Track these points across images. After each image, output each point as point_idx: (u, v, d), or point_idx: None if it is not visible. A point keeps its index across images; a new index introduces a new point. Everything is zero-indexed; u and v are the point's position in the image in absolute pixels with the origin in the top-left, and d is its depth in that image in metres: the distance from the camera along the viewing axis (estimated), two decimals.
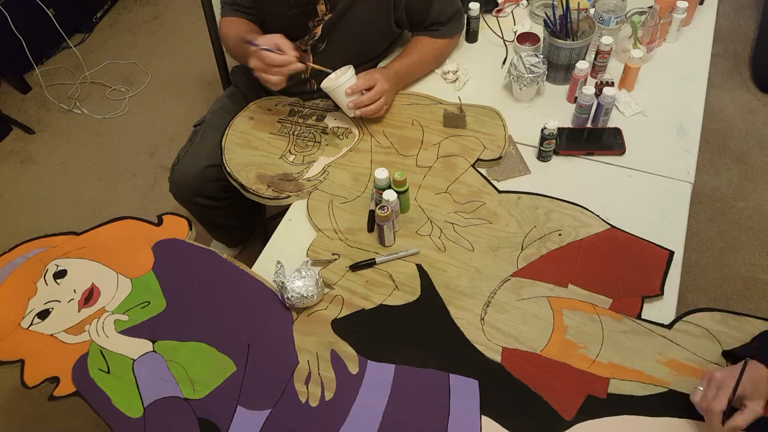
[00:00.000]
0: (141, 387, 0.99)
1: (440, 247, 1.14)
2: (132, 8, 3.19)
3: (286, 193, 1.25)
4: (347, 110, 1.32)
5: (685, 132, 1.30)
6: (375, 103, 1.30)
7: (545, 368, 0.97)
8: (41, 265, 1.15)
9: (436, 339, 1.02)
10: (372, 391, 0.97)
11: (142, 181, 2.41)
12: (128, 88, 2.74)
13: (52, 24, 2.71)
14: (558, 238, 1.13)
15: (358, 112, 1.30)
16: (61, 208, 2.34)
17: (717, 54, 2.58)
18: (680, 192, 1.20)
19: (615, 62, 1.46)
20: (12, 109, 2.71)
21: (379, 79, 1.30)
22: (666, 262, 1.08)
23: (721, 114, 2.37)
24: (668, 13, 1.43)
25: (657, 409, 0.92)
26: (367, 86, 1.29)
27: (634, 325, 1.01)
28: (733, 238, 2.01)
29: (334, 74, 1.29)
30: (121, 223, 1.22)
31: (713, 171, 2.20)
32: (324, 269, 1.12)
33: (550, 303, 1.05)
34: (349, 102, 1.28)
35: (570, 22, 1.37)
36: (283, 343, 1.03)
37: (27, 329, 1.07)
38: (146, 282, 1.12)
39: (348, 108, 1.30)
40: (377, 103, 1.31)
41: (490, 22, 1.57)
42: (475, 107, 1.36)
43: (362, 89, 1.29)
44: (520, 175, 1.26)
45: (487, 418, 0.93)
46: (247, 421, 0.95)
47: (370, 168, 1.28)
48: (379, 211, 1.07)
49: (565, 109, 1.37)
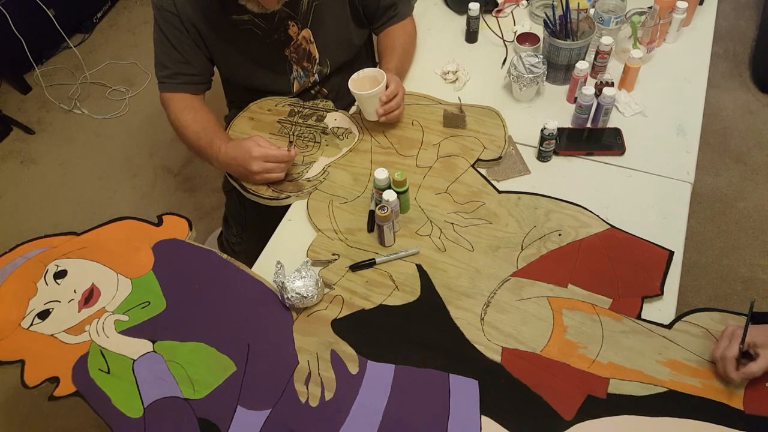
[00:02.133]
0: (141, 387, 0.99)
1: (440, 247, 1.14)
2: (132, 8, 3.19)
3: (286, 194, 1.25)
4: (369, 114, 1.29)
5: (685, 132, 1.30)
6: (400, 107, 1.29)
7: (545, 368, 0.97)
8: (41, 266, 1.15)
9: (436, 339, 1.02)
10: (372, 391, 0.97)
11: (142, 181, 2.41)
12: (128, 88, 2.74)
13: (52, 24, 2.71)
14: (558, 238, 1.13)
15: (383, 119, 1.28)
16: (61, 208, 2.35)
17: (717, 54, 2.58)
18: (680, 192, 1.20)
19: (615, 62, 1.46)
20: (12, 109, 2.71)
21: (400, 83, 1.30)
22: (666, 262, 1.08)
23: (721, 114, 2.37)
24: (668, 13, 1.43)
25: (657, 409, 0.92)
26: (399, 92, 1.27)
27: (634, 325, 1.01)
28: (733, 238, 2.01)
29: (356, 75, 1.28)
30: (121, 223, 1.22)
31: (713, 171, 2.20)
32: (324, 269, 1.12)
33: (550, 303, 1.05)
34: (380, 109, 1.25)
35: (570, 22, 1.37)
36: (283, 343, 1.03)
37: (27, 329, 1.07)
38: (146, 282, 1.12)
39: (378, 114, 1.26)
40: (402, 107, 1.30)
41: (490, 23, 1.57)
42: (475, 107, 1.36)
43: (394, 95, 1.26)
44: (520, 175, 1.26)
45: (487, 418, 0.93)
46: (247, 421, 0.95)
47: (370, 168, 1.28)
48: (379, 211, 1.07)
49: (565, 109, 1.37)
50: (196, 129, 1.28)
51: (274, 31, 1.31)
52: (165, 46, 1.28)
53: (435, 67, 1.50)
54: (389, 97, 1.25)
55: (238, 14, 1.26)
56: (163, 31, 1.26)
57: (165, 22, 1.25)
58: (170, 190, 2.37)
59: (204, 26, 1.26)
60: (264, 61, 1.37)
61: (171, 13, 1.23)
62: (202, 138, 1.27)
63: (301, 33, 1.34)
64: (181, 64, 1.30)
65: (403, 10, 1.48)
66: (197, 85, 1.35)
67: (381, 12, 1.44)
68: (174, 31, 1.26)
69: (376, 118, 1.28)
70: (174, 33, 1.26)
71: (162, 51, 1.29)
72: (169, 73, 1.31)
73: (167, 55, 1.29)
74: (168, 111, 1.34)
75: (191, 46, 1.29)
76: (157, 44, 1.29)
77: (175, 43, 1.27)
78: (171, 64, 1.30)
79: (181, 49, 1.28)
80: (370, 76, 1.29)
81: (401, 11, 1.47)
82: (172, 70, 1.30)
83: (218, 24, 1.26)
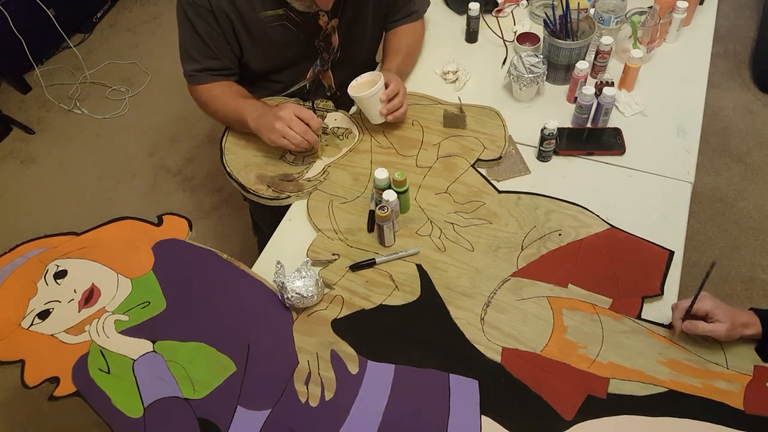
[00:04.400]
0: (141, 387, 0.99)
1: (440, 247, 1.14)
2: (132, 8, 3.19)
3: (286, 194, 1.25)
4: (374, 117, 1.29)
5: (685, 132, 1.30)
6: (404, 105, 1.29)
7: (545, 368, 0.97)
8: (41, 266, 1.15)
9: (436, 339, 1.02)
10: (372, 391, 0.97)
11: (142, 181, 2.41)
12: (128, 88, 2.74)
13: (52, 24, 2.71)
14: (558, 238, 1.13)
15: (390, 117, 1.27)
16: (61, 208, 2.35)
17: (717, 54, 2.58)
18: (680, 192, 1.20)
19: (615, 62, 1.46)
20: (12, 109, 2.71)
21: (400, 81, 1.30)
22: (666, 262, 1.08)
23: (721, 114, 2.37)
24: (668, 13, 1.43)
25: (657, 409, 0.92)
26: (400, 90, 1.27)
27: (634, 325, 1.01)
28: (733, 238, 2.01)
29: (355, 81, 1.28)
30: (121, 223, 1.22)
31: (713, 171, 2.20)
32: (324, 269, 1.12)
33: (550, 303, 1.05)
34: (383, 108, 1.25)
35: (570, 22, 1.37)
36: (283, 343, 1.03)
37: (27, 329, 1.07)
38: (146, 282, 1.12)
39: (381, 114, 1.26)
40: (406, 105, 1.30)
41: (490, 22, 1.57)
42: (475, 107, 1.36)
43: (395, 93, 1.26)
44: (520, 175, 1.26)
45: (487, 418, 0.93)
46: (247, 421, 0.95)
47: (370, 168, 1.28)
48: (379, 211, 1.07)
49: (565, 109, 1.37)
50: (230, 96, 1.30)
51: (308, 24, 1.31)
52: (196, 41, 1.26)
53: (435, 67, 1.50)
54: (390, 96, 1.25)
55: (273, 9, 1.26)
56: (194, 25, 1.24)
57: (197, 16, 1.23)
58: (170, 190, 2.37)
59: (238, 21, 1.25)
60: (295, 56, 1.37)
61: (205, 8, 1.21)
62: (230, 104, 1.28)
63: (330, 23, 1.34)
64: (211, 60, 1.30)
65: (419, 10, 1.48)
66: (226, 77, 1.35)
67: (398, 8, 1.44)
68: (206, 26, 1.24)
69: (381, 120, 1.28)
70: (206, 28, 1.24)
71: (192, 45, 1.28)
72: (199, 67, 1.30)
73: (198, 51, 1.28)
74: (196, 97, 1.35)
75: (222, 42, 1.28)
76: (186, 38, 1.28)
77: (206, 39, 1.26)
78: (202, 59, 1.29)
79: (212, 44, 1.27)
80: (368, 81, 1.29)
81: (417, 10, 1.47)
82: (203, 65, 1.30)
83: (252, 19, 1.26)
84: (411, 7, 1.46)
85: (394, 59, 1.41)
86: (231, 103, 1.29)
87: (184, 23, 1.25)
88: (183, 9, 1.23)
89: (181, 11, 1.24)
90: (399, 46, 1.44)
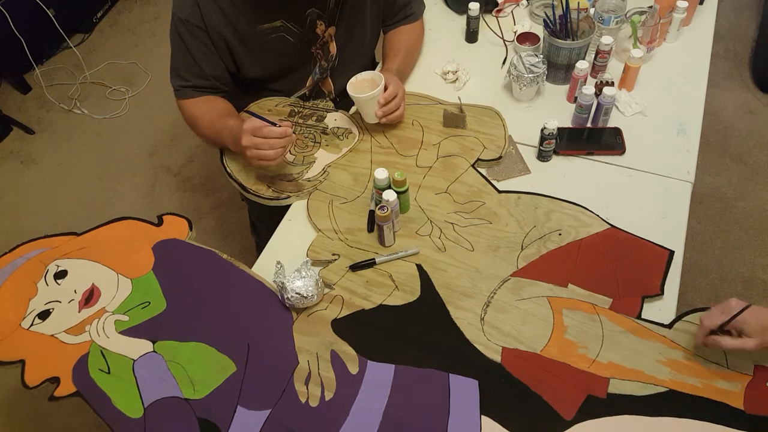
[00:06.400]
0: (141, 387, 0.99)
1: (440, 247, 1.14)
2: (132, 8, 3.19)
3: (286, 194, 1.25)
4: (369, 117, 1.29)
5: (685, 132, 1.30)
6: (401, 107, 1.29)
7: (545, 368, 0.97)
8: (42, 266, 1.15)
9: (436, 339, 1.02)
10: (372, 391, 0.97)
11: (142, 181, 2.41)
12: (128, 88, 2.74)
13: (52, 24, 2.72)
14: (558, 238, 1.13)
15: (384, 120, 1.27)
16: (61, 208, 2.35)
17: (717, 54, 2.58)
18: (680, 192, 1.20)
19: (615, 62, 1.46)
20: (12, 109, 2.72)
21: (399, 84, 1.30)
22: (666, 262, 1.08)
23: (721, 114, 2.37)
24: (668, 12, 1.43)
25: (657, 409, 0.92)
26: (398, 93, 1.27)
27: (635, 324, 1.01)
28: (733, 238, 2.01)
29: (354, 78, 1.28)
30: (121, 223, 1.22)
31: (713, 171, 2.20)
32: (324, 269, 1.12)
33: (550, 303, 1.05)
34: (378, 111, 1.25)
35: (570, 22, 1.37)
36: (283, 343, 1.03)
37: (27, 330, 1.07)
38: (146, 282, 1.12)
39: (377, 116, 1.26)
40: (403, 107, 1.30)
41: (490, 22, 1.57)
42: (475, 107, 1.36)
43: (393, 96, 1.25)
44: (520, 175, 1.26)
45: (487, 418, 0.93)
46: (247, 421, 0.95)
47: (370, 168, 1.28)
48: (379, 211, 1.07)
49: (565, 109, 1.37)
50: (210, 118, 1.28)
51: (305, 33, 1.31)
52: (187, 60, 1.25)
53: (435, 67, 1.50)
54: (387, 99, 1.25)
55: (270, 22, 1.25)
56: (187, 45, 1.23)
57: (190, 35, 1.22)
58: (170, 190, 2.37)
59: (233, 37, 1.24)
60: (293, 64, 1.37)
61: (198, 28, 1.20)
62: (216, 124, 1.26)
63: (327, 31, 1.35)
64: (200, 79, 1.28)
65: (417, 12, 1.48)
66: (215, 93, 1.33)
67: (397, 10, 1.45)
68: (200, 45, 1.23)
69: (376, 121, 1.28)
70: (199, 47, 1.23)
71: (183, 64, 1.26)
72: (187, 84, 1.29)
73: (188, 69, 1.27)
74: (183, 113, 1.33)
75: (215, 62, 1.27)
76: (177, 56, 1.27)
77: (198, 59, 1.25)
78: (191, 77, 1.28)
79: (203, 64, 1.26)
80: (369, 79, 1.29)
81: (415, 12, 1.48)
82: (191, 83, 1.29)
83: (248, 32, 1.25)
84: (408, 9, 1.46)
85: (394, 59, 1.42)
86: (211, 127, 1.27)
87: (177, 41, 1.24)
88: (176, 27, 1.22)
89: (174, 30, 1.23)
90: (399, 46, 1.44)
